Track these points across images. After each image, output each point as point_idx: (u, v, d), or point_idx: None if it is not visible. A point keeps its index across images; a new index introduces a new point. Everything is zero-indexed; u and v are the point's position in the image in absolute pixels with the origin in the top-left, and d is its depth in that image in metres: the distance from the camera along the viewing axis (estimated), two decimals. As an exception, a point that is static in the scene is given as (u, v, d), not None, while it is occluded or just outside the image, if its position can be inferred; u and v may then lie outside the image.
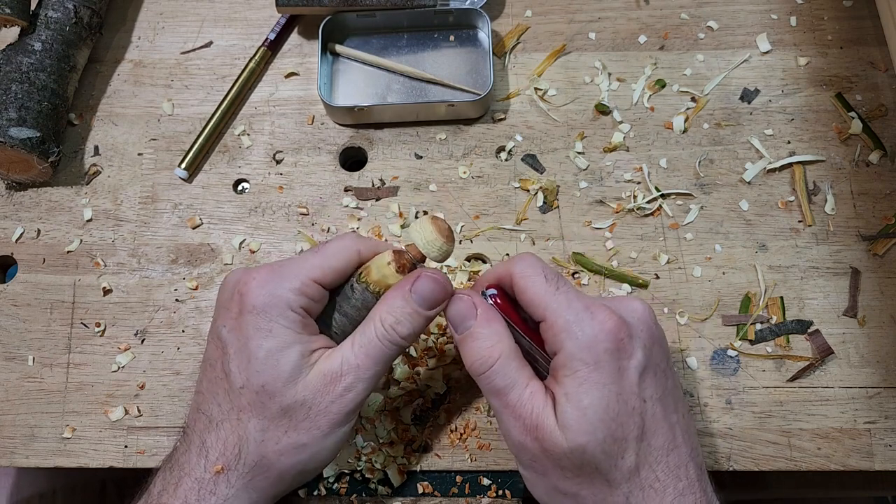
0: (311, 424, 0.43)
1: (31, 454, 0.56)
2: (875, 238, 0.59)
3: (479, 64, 0.65)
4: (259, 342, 0.43)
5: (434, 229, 0.44)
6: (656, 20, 0.66)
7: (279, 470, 0.44)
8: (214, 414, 0.45)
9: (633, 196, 0.61)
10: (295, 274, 0.44)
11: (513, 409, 0.43)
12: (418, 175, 0.62)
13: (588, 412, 0.41)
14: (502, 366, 0.43)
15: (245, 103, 0.66)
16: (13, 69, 0.60)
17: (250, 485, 0.44)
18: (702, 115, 0.63)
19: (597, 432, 0.41)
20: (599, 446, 0.41)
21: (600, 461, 0.41)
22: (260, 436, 0.43)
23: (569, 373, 0.42)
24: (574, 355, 0.41)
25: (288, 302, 0.43)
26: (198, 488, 0.44)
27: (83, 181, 0.64)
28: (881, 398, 0.55)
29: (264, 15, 0.68)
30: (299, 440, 0.43)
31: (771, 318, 0.57)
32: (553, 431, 0.41)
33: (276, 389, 0.43)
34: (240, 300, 0.44)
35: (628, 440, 0.41)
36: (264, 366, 0.43)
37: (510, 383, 0.43)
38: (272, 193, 0.63)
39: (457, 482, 0.55)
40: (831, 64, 0.64)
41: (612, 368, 0.41)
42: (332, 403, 0.43)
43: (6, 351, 0.59)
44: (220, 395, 0.45)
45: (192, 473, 0.44)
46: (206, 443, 0.44)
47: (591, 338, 0.42)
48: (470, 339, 0.44)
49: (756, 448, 0.54)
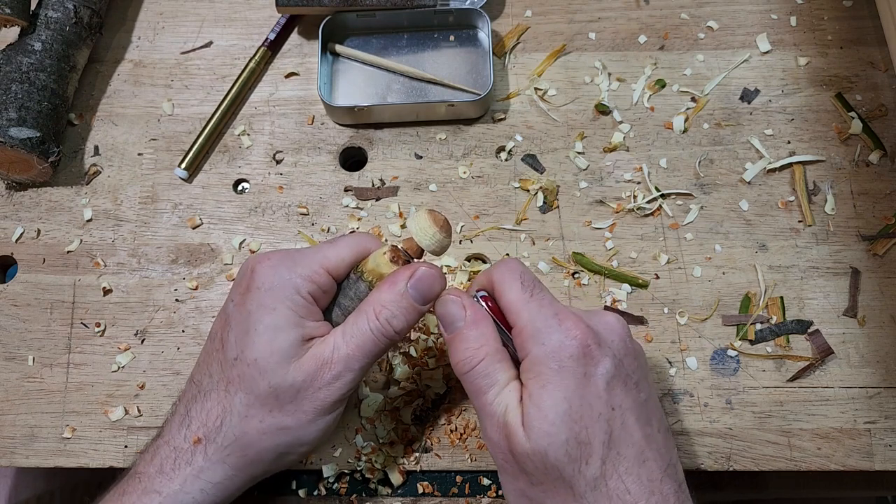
0: (297, 408, 0.44)
1: (31, 454, 0.56)
2: (875, 238, 0.59)
3: (479, 64, 0.65)
4: (260, 317, 0.44)
5: (431, 221, 0.45)
6: (656, 20, 0.66)
7: (258, 449, 0.44)
8: (204, 383, 0.46)
9: (633, 196, 0.61)
10: (308, 261, 0.45)
11: (488, 407, 0.43)
12: (418, 175, 0.62)
13: (549, 414, 0.40)
14: (485, 366, 0.43)
15: (245, 103, 0.66)
16: (13, 69, 0.60)
17: (227, 460, 0.44)
18: (702, 115, 0.63)
19: (559, 434, 0.40)
20: (562, 448, 0.40)
21: (563, 465, 0.40)
22: (244, 410, 0.44)
23: (532, 376, 0.42)
24: (539, 360, 0.42)
25: (296, 286, 0.44)
26: (174, 456, 0.44)
27: (83, 181, 0.64)
28: (881, 398, 0.55)
29: (264, 15, 0.68)
30: (283, 422, 0.44)
31: (771, 318, 0.57)
32: (517, 431, 0.41)
33: (267, 366, 0.43)
34: (250, 277, 0.45)
35: (593, 445, 0.40)
36: (261, 340, 0.44)
37: (490, 383, 0.43)
38: (272, 193, 0.63)
39: (457, 482, 0.55)
40: (831, 64, 0.64)
41: (576, 373, 0.41)
42: (319, 390, 0.44)
43: (6, 351, 0.59)
44: (213, 365, 0.46)
45: (172, 441, 0.45)
46: (191, 412, 0.45)
47: (556, 344, 0.41)
48: (458, 338, 0.45)
49: (756, 448, 0.54)
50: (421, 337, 0.57)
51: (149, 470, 0.45)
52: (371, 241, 0.47)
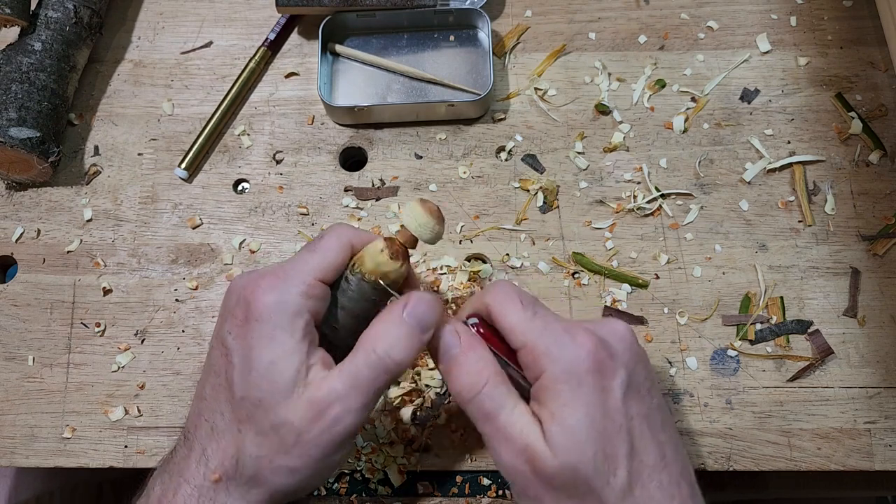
0: (302, 451, 0.43)
1: (31, 454, 0.56)
2: (875, 238, 0.59)
3: (479, 64, 0.65)
4: (261, 352, 0.43)
5: (424, 211, 0.45)
6: (656, 20, 0.66)
7: (272, 488, 0.44)
8: (217, 423, 0.44)
9: (633, 196, 0.61)
10: (299, 276, 0.44)
11: (502, 431, 0.42)
12: (418, 175, 0.62)
13: (575, 430, 0.40)
14: (491, 389, 0.43)
15: (245, 103, 0.66)
16: (13, 69, 0.60)
17: (247, 496, 0.44)
18: (702, 115, 0.63)
19: (586, 450, 0.40)
20: (590, 464, 0.40)
21: (592, 479, 0.40)
22: (256, 451, 0.43)
23: (552, 395, 0.41)
24: (556, 378, 0.41)
25: (296, 308, 0.43)
26: (197, 495, 0.43)
27: (83, 181, 0.64)
28: (881, 398, 0.55)
29: (264, 15, 0.68)
30: (292, 464, 0.43)
31: (771, 318, 0.57)
32: (543, 452, 0.41)
33: (270, 405, 0.42)
34: (246, 307, 0.44)
35: (618, 457, 0.41)
36: (263, 378, 0.43)
37: (499, 406, 0.42)
38: (272, 193, 0.63)
39: (457, 482, 0.55)
40: (831, 64, 0.64)
41: (595, 388, 0.41)
42: (321, 434, 0.42)
43: (6, 351, 0.59)
44: (222, 404, 0.44)
45: (192, 480, 0.44)
46: (207, 451, 0.44)
47: (571, 359, 0.41)
48: (455, 366, 0.44)
49: (756, 448, 0.54)
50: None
51: None
52: (350, 235, 0.46)
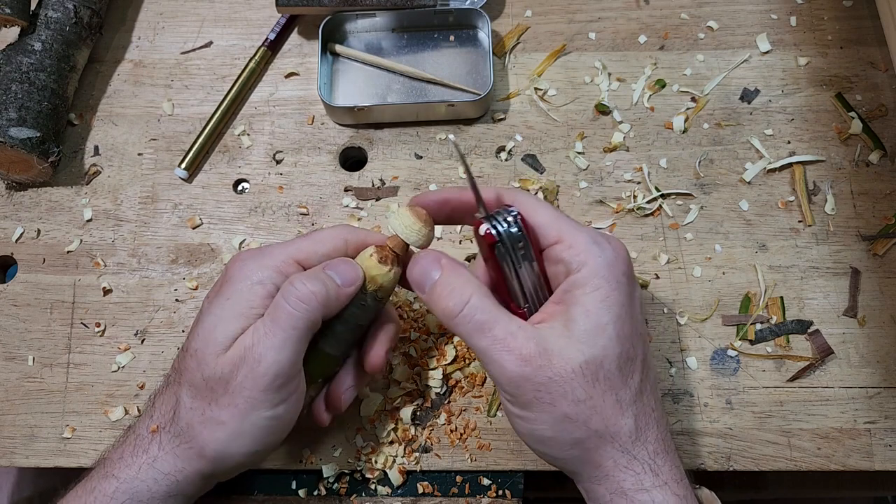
0: (230, 401, 0.44)
1: (31, 454, 0.56)
2: (875, 238, 0.59)
3: (479, 64, 0.65)
4: (213, 310, 0.45)
5: (412, 215, 0.46)
6: (656, 20, 0.66)
7: (201, 443, 0.44)
8: (170, 375, 0.47)
9: (633, 196, 0.61)
10: (278, 253, 0.46)
11: (504, 342, 0.41)
12: (418, 175, 0.62)
13: (608, 328, 0.41)
14: (478, 301, 0.42)
15: (245, 103, 0.66)
16: (13, 69, 0.60)
17: (177, 451, 0.45)
18: (702, 115, 0.63)
19: (614, 347, 0.41)
20: (615, 362, 0.41)
21: (614, 377, 0.41)
22: (189, 402, 0.45)
23: (591, 290, 0.42)
24: (598, 273, 0.42)
25: (259, 278, 0.45)
26: (134, 444, 0.46)
27: (83, 181, 0.64)
28: (881, 398, 0.55)
29: (264, 15, 0.68)
30: (219, 416, 0.44)
31: (771, 318, 0.57)
32: (564, 349, 0.41)
33: (203, 357, 0.44)
34: (223, 275, 0.47)
35: (636, 361, 0.43)
36: (203, 331, 0.45)
37: (493, 318, 0.42)
38: (272, 193, 0.63)
39: (457, 482, 0.55)
40: (831, 64, 0.64)
41: (628, 291, 0.43)
42: (245, 378, 0.43)
43: (6, 351, 0.59)
44: (176, 359, 0.47)
45: (136, 430, 0.46)
46: (155, 402, 0.47)
47: (612, 259, 0.43)
48: (438, 286, 0.44)
49: (756, 448, 0.54)
50: (421, 337, 0.57)
51: (112, 455, 0.46)
52: (347, 232, 0.48)
